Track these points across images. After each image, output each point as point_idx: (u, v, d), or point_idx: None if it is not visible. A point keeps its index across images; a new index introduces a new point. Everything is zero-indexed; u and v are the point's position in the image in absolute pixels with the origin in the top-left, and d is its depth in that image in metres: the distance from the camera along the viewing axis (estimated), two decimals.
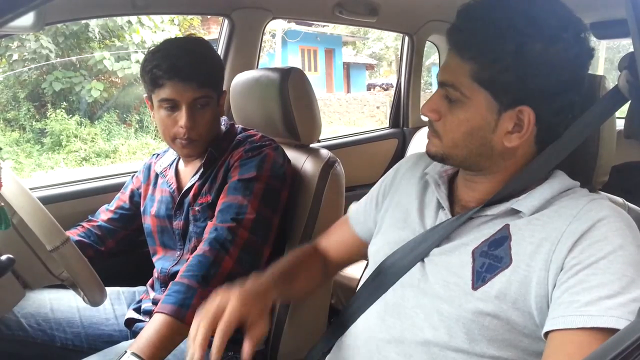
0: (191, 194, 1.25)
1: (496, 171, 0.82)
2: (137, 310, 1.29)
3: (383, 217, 0.97)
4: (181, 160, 1.34)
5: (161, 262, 1.31)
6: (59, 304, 1.28)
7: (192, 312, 0.91)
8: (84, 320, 1.28)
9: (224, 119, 1.33)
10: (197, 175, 1.26)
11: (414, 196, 0.92)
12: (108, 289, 1.21)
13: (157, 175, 1.36)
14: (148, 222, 1.33)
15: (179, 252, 1.28)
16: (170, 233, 1.30)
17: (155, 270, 1.32)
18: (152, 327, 0.96)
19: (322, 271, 1.05)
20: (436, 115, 0.80)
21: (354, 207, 1.08)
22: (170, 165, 1.35)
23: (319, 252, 1.08)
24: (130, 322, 1.28)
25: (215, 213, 1.15)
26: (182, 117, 1.17)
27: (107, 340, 1.24)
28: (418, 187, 0.93)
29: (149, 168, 1.40)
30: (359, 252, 1.06)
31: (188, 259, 1.13)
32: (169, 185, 1.31)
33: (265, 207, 1.16)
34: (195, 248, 1.20)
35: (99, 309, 1.29)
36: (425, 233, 0.85)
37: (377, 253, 0.92)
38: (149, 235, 1.34)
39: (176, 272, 1.19)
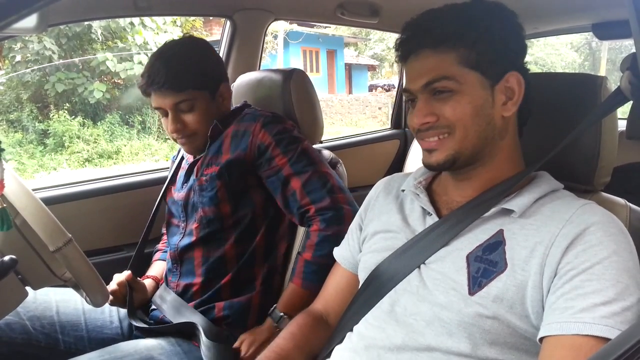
0: (197, 165, 1.30)
1: (495, 154, 0.83)
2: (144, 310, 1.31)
3: (367, 237, 0.98)
4: None
5: (170, 238, 1.36)
6: (65, 306, 1.28)
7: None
8: (89, 323, 1.28)
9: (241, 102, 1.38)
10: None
11: (394, 211, 0.94)
12: None
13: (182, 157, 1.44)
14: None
15: (182, 224, 1.31)
16: (177, 205, 1.34)
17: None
18: (295, 296, 1.18)
19: (324, 335, 0.99)
20: (434, 117, 0.81)
21: (336, 251, 1.07)
22: None
23: (316, 318, 1.03)
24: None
25: (299, 197, 1.20)
26: (169, 123, 1.24)
27: (110, 344, 1.25)
28: (396, 204, 0.95)
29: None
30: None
31: (194, 228, 1.22)
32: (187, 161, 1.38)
33: (326, 165, 1.26)
34: (202, 218, 1.23)
35: (104, 311, 1.31)
36: (417, 238, 0.86)
37: (367, 262, 0.93)
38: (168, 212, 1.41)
39: (184, 246, 1.25)
